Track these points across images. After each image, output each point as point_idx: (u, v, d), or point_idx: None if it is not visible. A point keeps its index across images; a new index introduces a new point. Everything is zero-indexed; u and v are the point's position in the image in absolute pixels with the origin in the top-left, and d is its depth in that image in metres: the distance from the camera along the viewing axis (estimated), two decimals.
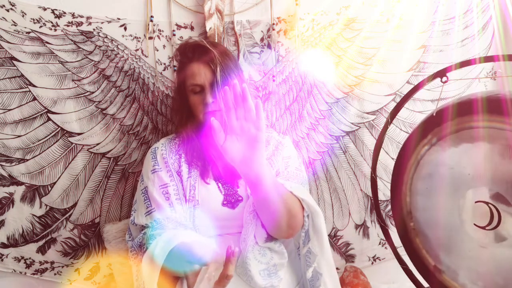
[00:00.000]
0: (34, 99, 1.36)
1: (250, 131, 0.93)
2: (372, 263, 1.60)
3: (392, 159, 1.53)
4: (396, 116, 1.27)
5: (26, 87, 1.35)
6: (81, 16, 1.34)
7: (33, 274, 1.44)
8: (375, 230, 1.58)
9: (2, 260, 1.41)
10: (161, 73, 1.43)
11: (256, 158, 0.94)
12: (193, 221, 1.13)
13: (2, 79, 1.33)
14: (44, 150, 1.39)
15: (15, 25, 1.30)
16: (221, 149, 0.95)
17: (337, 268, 1.57)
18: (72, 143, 1.40)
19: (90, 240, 1.46)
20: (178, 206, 1.13)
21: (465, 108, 1.03)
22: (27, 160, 1.38)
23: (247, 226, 1.10)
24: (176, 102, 1.28)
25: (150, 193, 1.16)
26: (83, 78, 1.38)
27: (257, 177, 0.96)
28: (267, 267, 1.09)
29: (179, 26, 1.41)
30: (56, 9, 1.32)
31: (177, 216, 1.11)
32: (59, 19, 1.33)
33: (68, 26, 1.34)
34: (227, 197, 1.18)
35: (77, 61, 1.37)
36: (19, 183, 1.39)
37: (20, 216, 1.40)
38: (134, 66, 1.41)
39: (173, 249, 0.96)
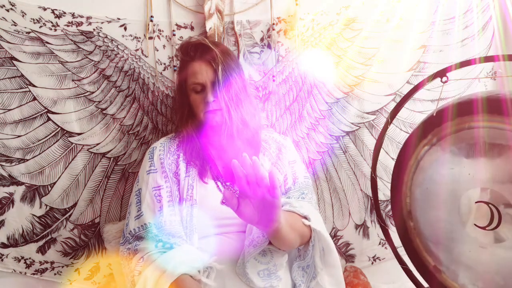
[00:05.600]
0: (34, 99, 1.36)
1: (265, 198, 0.88)
2: (372, 263, 1.60)
3: (392, 159, 1.53)
4: (396, 116, 1.27)
5: (26, 87, 1.35)
6: (81, 16, 1.34)
7: (33, 274, 1.44)
8: (375, 230, 1.58)
9: (2, 260, 1.41)
10: (161, 73, 1.43)
11: (273, 219, 0.92)
12: (191, 220, 1.13)
13: (2, 79, 1.33)
14: (44, 150, 1.39)
15: (15, 25, 1.30)
16: (236, 213, 0.93)
17: None
18: (72, 143, 1.40)
19: (90, 240, 1.46)
20: (167, 209, 1.12)
21: (465, 108, 1.03)
22: (27, 160, 1.38)
23: (258, 235, 1.09)
24: (177, 101, 1.29)
25: (142, 195, 1.16)
26: (83, 78, 1.38)
27: (275, 231, 0.96)
28: (268, 267, 1.09)
29: (179, 26, 1.41)
30: (56, 9, 1.32)
31: (164, 220, 1.10)
32: (59, 19, 1.33)
33: (68, 26, 1.34)
34: None
35: (77, 61, 1.37)
36: (19, 183, 1.39)
37: (20, 216, 1.40)
38: (134, 66, 1.41)
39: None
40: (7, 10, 1.29)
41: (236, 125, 1.16)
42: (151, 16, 1.38)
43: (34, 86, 1.35)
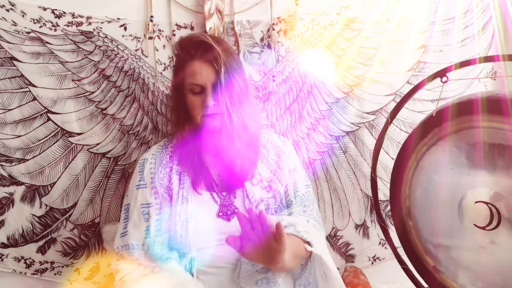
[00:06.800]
0: (34, 99, 1.36)
1: (270, 244, 0.88)
2: (372, 263, 1.60)
3: (392, 159, 1.52)
4: (396, 116, 1.27)
5: (26, 87, 1.35)
6: (81, 16, 1.34)
7: (33, 274, 1.44)
8: (375, 230, 1.58)
9: (2, 260, 1.41)
10: (161, 73, 1.43)
11: (277, 261, 0.91)
12: (187, 235, 1.08)
13: (2, 79, 1.33)
14: (44, 150, 1.39)
15: (15, 25, 1.30)
16: (239, 253, 0.92)
17: (337, 268, 1.58)
18: (72, 143, 1.40)
19: (90, 240, 1.46)
20: (154, 229, 1.08)
21: (465, 108, 1.03)
22: (27, 160, 1.38)
23: None
24: (173, 102, 1.22)
25: (130, 212, 1.12)
26: (83, 78, 1.38)
27: (280, 268, 0.95)
28: (266, 276, 1.07)
29: (179, 26, 1.41)
30: (56, 9, 1.32)
31: (149, 241, 1.07)
32: (59, 19, 1.33)
33: (68, 26, 1.34)
34: (223, 208, 1.13)
35: (77, 61, 1.37)
36: (19, 183, 1.39)
37: (20, 216, 1.40)
38: (134, 66, 1.41)
39: None
40: (7, 10, 1.29)
41: (237, 130, 1.11)
42: (151, 16, 1.38)
43: (34, 86, 1.35)
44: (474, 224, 1.03)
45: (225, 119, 1.09)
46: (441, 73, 1.13)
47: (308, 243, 1.05)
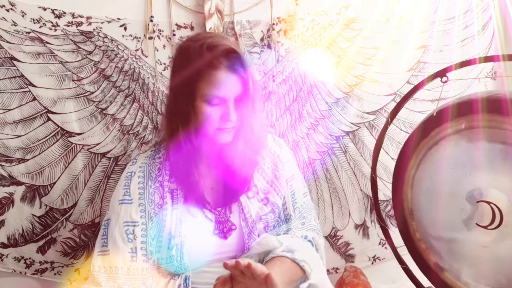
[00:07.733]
0: (34, 99, 1.36)
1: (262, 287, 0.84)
2: (372, 263, 1.60)
3: (392, 159, 1.53)
4: (396, 116, 1.27)
5: (26, 87, 1.35)
6: (81, 16, 1.34)
7: (33, 274, 1.44)
8: (375, 230, 1.58)
9: (2, 260, 1.41)
10: (161, 73, 1.43)
11: None
12: (182, 259, 1.01)
13: (2, 79, 1.33)
14: (44, 150, 1.39)
15: (15, 25, 1.30)
16: None
17: (337, 268, 1.58)
18: (72, 143, 1.40)
19: (90, 240, 1.46)
20: (140, 253, 0.99)
21: (465, 108, 1.03)
22: (27, 160, 1.38)
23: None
24: (178, 108, 1.03)
25: (111, 229, 1.01)
26: (83, 78, 1.38)
27: None
28: None
29: (179, 26, 1.41)
30: (56, 9, 1.32)
31: (137, 267, 0.98)
32: (59, 19, 1.33)
33: (68, 26, 1.34)
34: (218, 224, 1.06)
35: (77, 61, 1.37)
36: (19, 183, 1.39)
37: (20, 216, 1.40)
38: (134, 66, 1.41)
39: None
40: (7, 10, 1.29)
41: (253, 141, 1.05)
42: (151, 16, 1.38)
43: (34, 86, 1.35)
44: (476, 224, 1.03)
45: (248, 134, 1.02)
46: (441, 73, 1.12)
47: (305, 272, 0.98)
